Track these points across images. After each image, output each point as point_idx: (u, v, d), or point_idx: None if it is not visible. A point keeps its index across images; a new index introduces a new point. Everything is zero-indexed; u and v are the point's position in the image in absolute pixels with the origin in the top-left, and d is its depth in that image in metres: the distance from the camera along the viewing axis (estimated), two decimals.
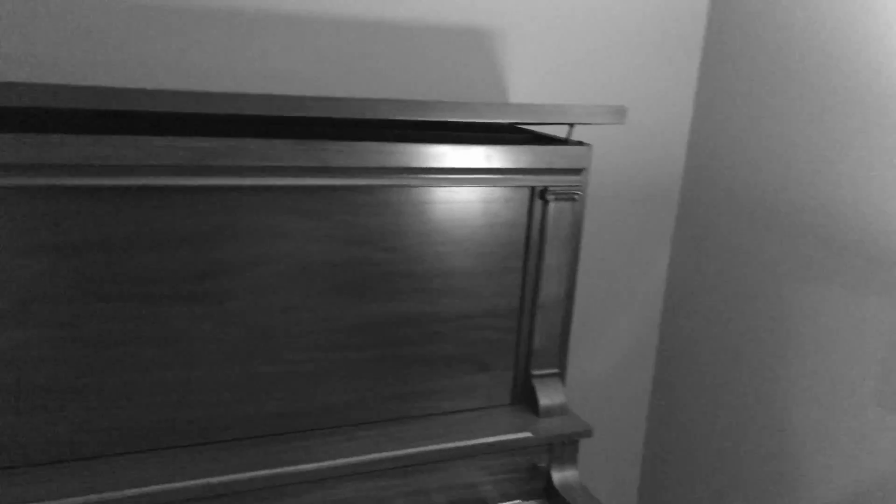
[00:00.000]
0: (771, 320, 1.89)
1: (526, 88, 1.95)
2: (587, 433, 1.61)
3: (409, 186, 1.45)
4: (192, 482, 1.30)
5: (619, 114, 1.51)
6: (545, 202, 1.57)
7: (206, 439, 1.41)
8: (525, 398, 1.67)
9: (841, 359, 1.71)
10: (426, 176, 1.44)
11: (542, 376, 1.66)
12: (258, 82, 1.71)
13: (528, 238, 1.59)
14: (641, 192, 2.14)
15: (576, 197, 1.58)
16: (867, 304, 1.65)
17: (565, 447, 1.62)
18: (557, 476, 1.61)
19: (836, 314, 1.72)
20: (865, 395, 1.67)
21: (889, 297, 1.60)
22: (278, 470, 1.37)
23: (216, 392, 1.40)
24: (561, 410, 1.65)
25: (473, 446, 1.52)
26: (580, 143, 1.56)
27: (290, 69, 1.73)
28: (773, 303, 1.88)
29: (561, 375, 1.69)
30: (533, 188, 1.56)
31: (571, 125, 1.56)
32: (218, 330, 1.37)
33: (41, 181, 1.18)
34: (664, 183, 2.17)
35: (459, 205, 1.51)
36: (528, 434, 1.56)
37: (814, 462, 1.79)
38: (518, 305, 1.62)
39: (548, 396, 1.65)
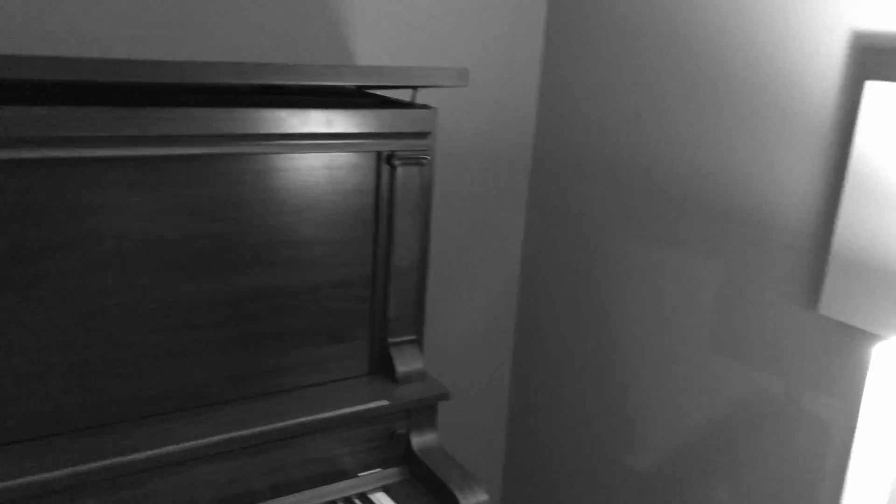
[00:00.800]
0: (620, 278, 1.96)
1: (372, 54, 1.91)
2: (444, 396, 1.62)
3: (246, 154, 1.38)
4: (13, 482, 1.21)
5: (463, 76, 1.49)
6: (392, 167, 1.54)
7: (35, 434, 1.31)
8: (383, 367, 1.66)
9: (680, 309, 1.80)
10: (264, 143, 1.38)
11: (398, 344, 1.65)
12: (72, 46, 1.58)
13: (377, 205, 1.56)
14: (494, 156, 2.16)
15: (423, 161, 1.56)
16: (701, 260, 1.74)
17: (423, 412, 1.62)
18: (417, 441, 1.61)
19: (675, 269, 1.80)
20: (702, 340, 1.76)
21: (720, 254, 1.69)
22: (114, 460, 1.29)
23: (44, 382, 1.30)
24: (419, 376, 1.64)
25: (329, 419, 1.50)
26: (425, 107, 1.54)
27: (113, 31, 1.61)
28: (622, 262, 1.95)
29: (418, 342, 1.68)
30: (379, 153, 1.53)
31: (415, 88, 1.53)
32: (41, 315, 1.27)
33: None
34: (516, 147, 2.19)
35: (302, 172, 1.46)
36: (384, 402, 1.55)
37: (658, 407, 1.89)
38: (370, 274, 1.60)
39: (405, 363, 1.64)
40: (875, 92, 1.35)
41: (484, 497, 1.51)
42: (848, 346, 1.45)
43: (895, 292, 1.35)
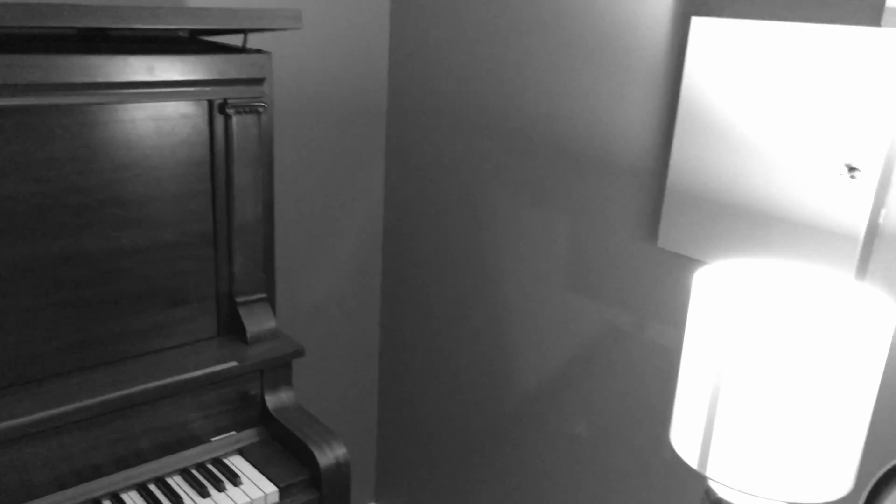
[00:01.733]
0: (480, 223, 1.96)
1: (211, 1, 1.79)
2: (298, 354, 1.57)
3: (57, 106, 1.26)
4: None
5: (296, 18, 1.42)
6: (227, 117, 1.46)
7: None
8: (233, 327, 1.59)
9: (537, 251, 1.82)
10: (76, 93, 1.27)
11: (247, 303, 1.59)
12: None
13: (213, 157, 1.48)
14: (349, 106, 2.10)
15: (260, 109, 1.49)
16: (554, 202, 1.76)
17: (277, 371, 1.57)
18: (272, 400, 1.56)
19: (531, 212, 1.82)
20: (558, 280, 1.79)
21: (570, 195, 1.72)
22: None
23: None
24: (271, 335, 1.59)
25: (174, 384, 1.42)
26: (258, 51, 1.46)
27: None
28: (481, 207, 1.95)
29: (269, 300, 1.62)
30: (211, 102, 1.44)
31: (246, 32, 1.45)
32: None
33: None
34: (371, 96, 2.14)
35: (125, 125, 1.35)
36: (233, 363, 1.49)
37: (520, 347, 1.92)
38: (211, 231, 1.52)
39: (255, 323, 1.58)
40: (700, 27, 1.38)
41: (342, 451, 1.49)
42: (684, 276, 1.51)
43: (723, 221, 1.40)
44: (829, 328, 0.92)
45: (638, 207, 1.59)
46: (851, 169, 1.23)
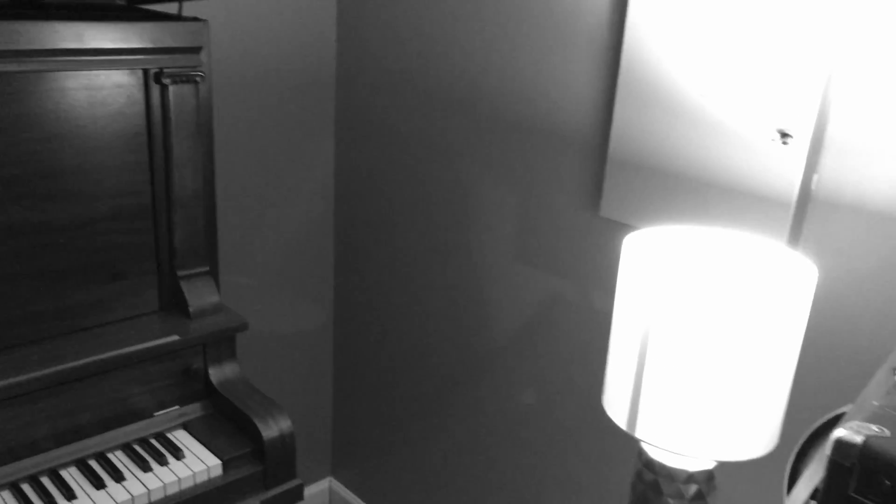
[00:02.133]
0: (429, 197, 1.96)
1: None
2: (242, 327, 1.56)
3: None
4: None
5: None
6: (163, 87, 1.43)
7: None
8: (175, 302, 1.57)
9: (487, 222, 1.83)
10: (1, 61, 1.23)
11: (189, 276, 1.57)
12: None
13: (149, 128, 1.45)
14: (298, 76, 2.07)
15: (198, 79, 1.46)
16: (501, 173, 1.75)
17: (221, 345, 1.56)
18: (216, 374, 1.55)
19: (479, 183, 1.81)
20: (507, 251, 1.80)
21: (517, 165, 1.72)
22: None
23: None
24: (214, 309, 1.58)
25: (112, 359, 1.41)
26: (194, 19, 1.43)
27: None
28: (430, 181, 1.95)
29: (212, 273, 1.60)
30: (146, 71, 1.41)
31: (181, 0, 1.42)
32: None
33: None
34: (320, 67, 2.11)
35: (55, 94, 1.32)
36: (174, 338, 1.47)
37: (470, 318, 1.93)
38: (150, 203, 1.50)
39: (198, 297, 1.56)
40: None
41: (286, 423, 1.49)
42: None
43: (663, 189, 1.42)
44: (751, 290, 0.93)
45: (582, 177, 1.60)
46: (784, 135, 1.25)
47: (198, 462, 1.41)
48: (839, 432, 0.85)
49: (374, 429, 2.36)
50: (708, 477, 1.07)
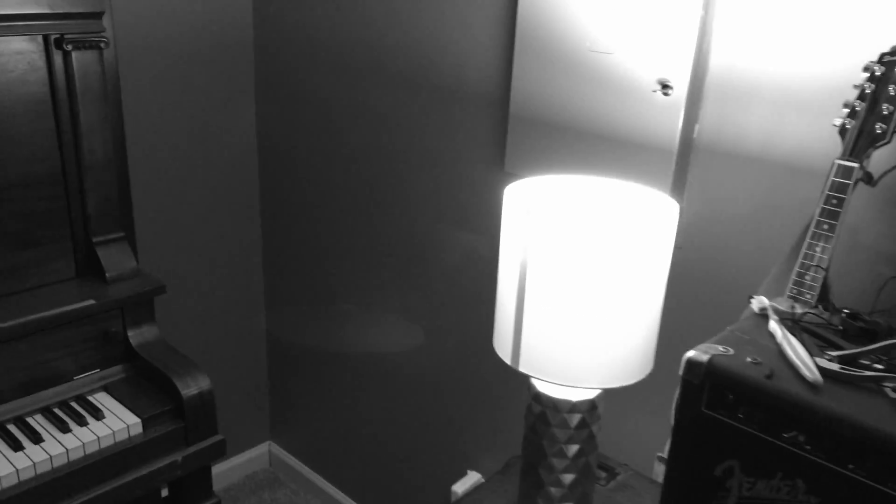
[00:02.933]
0: (349, 159, 1.99)
1: None
2: (159, 290, 1.59)
3: None
4: None
5: None
6: (65, 53, 1.43)
7: None
8: (92, 268, 1.59)
9: (407, 183, 1.87)
10: None
11: (105, 242, 1.59)
12: None
13: (54, 95, 1.46)
14: (218, 45, 2.07)
15: (102, 45, 1.47)
16: (418, 135, 1.80)
17: (139, 308, 1.58)
18: (135, 337, 1.58)
19: (398, 144, 1.86)
20: (428, 212, 1.85)
21: (429, 127, 1.76)
22: None
23: None
24: (131, 274, 1.60)
25: (26, 324, 1.43)
26: None
27: None
28: (349, 143, 1.98)
29: (128, 238, 1.62)
30: (46, 37, 1.41)
31: None
32: None
33: None
34: (238, 34, 2.12)
35: None
36: (90, 302, 1.50)
37: (397, 277, 1.98)
38: (60, 170, 1.51)
39: (114, 262, 1.58)
40: None
41: (205, 382, 1.53)
42: None
43: (560, 142, 1.48)
44: (616, 228, 1.00)
45: (487, 135, 1.65)
46: (664, 86, 1.32)
47: (118, 421, 1.44)
48: (689, 353, 0.93)
49: (307, 394, 2.41)
50: (590, 406, 1.15)
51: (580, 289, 1.02)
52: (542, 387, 1.15)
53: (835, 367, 0.86)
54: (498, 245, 1.12)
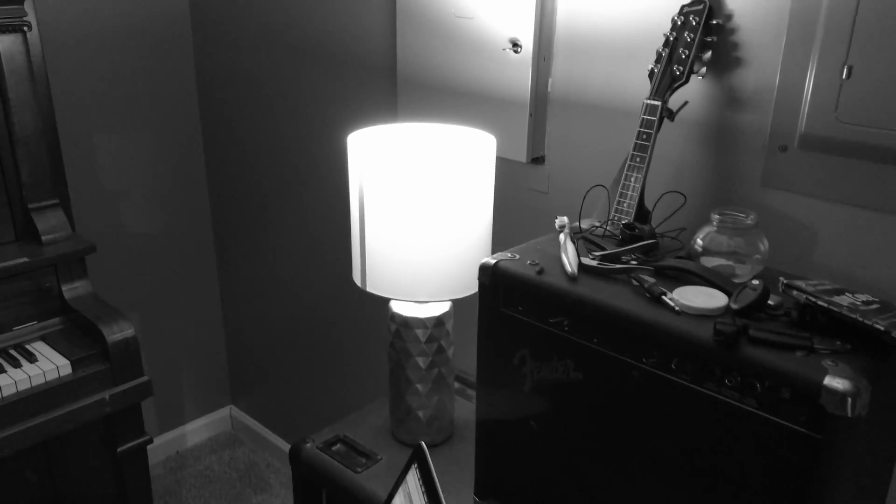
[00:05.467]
0: (277, 131, 2.16)
1: None
2: (90, 250, 1.76)
3: None
4: None
5: None
6: None
7: None
8: (30, 232, 1.76)
9: (322, 150, 2.04)
10: None
11: (40, 209, 1.76)
12: None
13: None
14: (155, 25, 2.23)
15: (25, 29, 1.64)
16: (321, 106, 1.96)
17: (71, 266, 1.76)
18: (68, 292, 1.75)
19: (312, 116, 2.02)
20: (331, 175, 2.02)
21: (333, 100, 1.92)
22: None
23: None
24: (65, 236, 1.77)
25: None
26: None
27: None
28: (277, 114, 2.15)
29: (61, 205, 1.79)
30: None
31: None
32: None
33: None
34: (174, 16, 2.28)
35: None
36: (24, 259, 1.67)
37: (324, 241, 2.15)
38: None
39: (48, 225, 1.75)
40: None
41: (129, 331, 1.70)
42: None
43: (438, 101, 1.64)
44: (448, 163, 1.16)
45: (383, 98, 1.81)
46: (515, 45, 1.47)
47: (49, 363, 1.62)
48: (483, 259, 1.09)
49: (262, 360, 2.59)
50: (437, 322, 1.31)
51: (405, 212, 1.18)
52: (396, 307, 1.31)
53: (594, 263, 1.02)
54: None
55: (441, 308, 1.31)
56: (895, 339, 0.78)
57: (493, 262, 1.06)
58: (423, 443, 0.94)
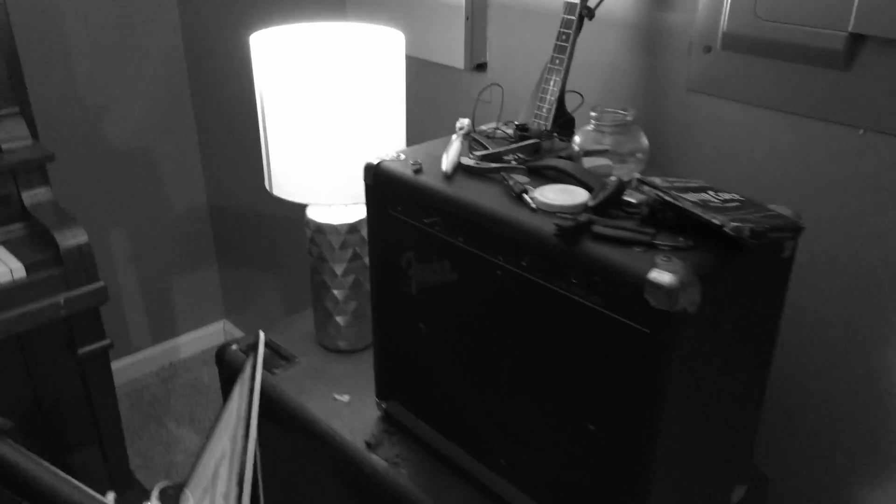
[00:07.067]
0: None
1: None
2: (48, 158, 1.79)
3: None
4: None
5: None
6: None
7: None
8: None
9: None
10: None
11: (1, 117, 1.79)
12: None
13: None
14: None
15: None
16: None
17: (30, 174, 1.79)
18: (28, 199, 1.79)
19: None
20: None
21: None
22: None
23: None
24: (25, 145, 1.80)
25: None
26: None
27: None
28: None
29: (22, 113, 1.82)
30: None
31: None
32: None
33: None
34: None
35: None
36: None
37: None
38: None
39: (7, 134, 1.78)
40: None
41: (83, 238, 1.73)
42: None
43: (384, 2, 1.60)
44: (349, 62, 1.14)
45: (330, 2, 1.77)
46: None
47: (3, 266, 1.67)
48: (367, 160, 1.07)
49: (255, 274, 2.64)
50: (350, 229, 1.30)
51: (306, 114, 1.16)
52: (311, 213, 1.31)
53: (472, 162, 0.99)
54: None
55: (356, 215, 1.30)
56: (729, 233, 0.74)
57: (376, 162, 1.05)
58: (261, 331, 0.94)
